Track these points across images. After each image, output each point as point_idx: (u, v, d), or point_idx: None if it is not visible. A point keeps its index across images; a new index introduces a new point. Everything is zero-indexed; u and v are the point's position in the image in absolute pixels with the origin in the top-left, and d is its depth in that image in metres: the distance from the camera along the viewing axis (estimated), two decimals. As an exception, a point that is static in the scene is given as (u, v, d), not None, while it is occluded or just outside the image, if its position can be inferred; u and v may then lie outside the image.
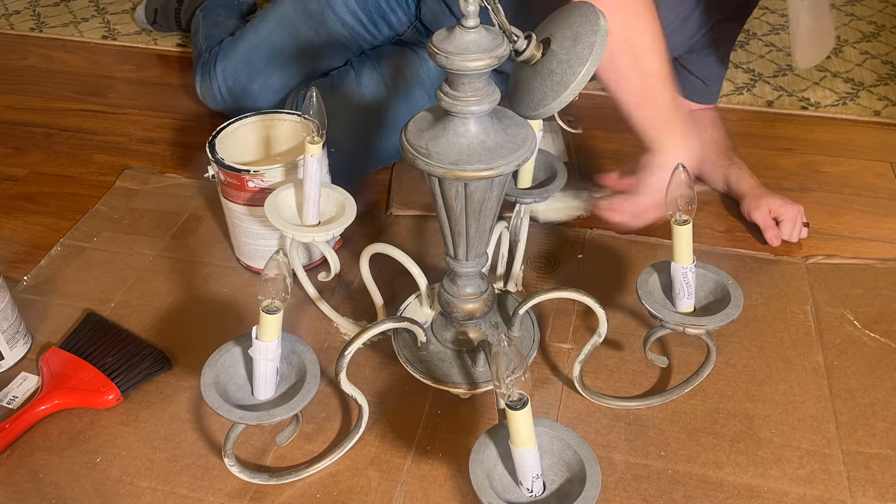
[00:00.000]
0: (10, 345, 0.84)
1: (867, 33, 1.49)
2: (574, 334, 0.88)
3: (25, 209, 1.09)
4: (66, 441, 0.77)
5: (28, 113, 1.30)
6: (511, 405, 0.57)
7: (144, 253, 1.00)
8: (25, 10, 1.61)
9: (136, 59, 1.45)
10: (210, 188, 1.10)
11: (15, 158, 1.19)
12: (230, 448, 0.70)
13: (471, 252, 0.70)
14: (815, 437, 0.77)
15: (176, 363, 0.85)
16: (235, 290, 0.94)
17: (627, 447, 0.76)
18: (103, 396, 0.80)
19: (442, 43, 0.59)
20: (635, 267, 0.97)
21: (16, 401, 0.81)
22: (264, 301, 0.64)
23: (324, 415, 0.80)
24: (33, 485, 0.74)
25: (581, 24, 0.63)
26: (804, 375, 0.83)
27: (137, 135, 1.24)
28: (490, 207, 0.66)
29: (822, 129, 1.24)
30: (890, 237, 1.02)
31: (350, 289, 0.94)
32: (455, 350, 0.78)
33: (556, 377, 0.83)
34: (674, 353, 0.86)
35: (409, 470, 0.75)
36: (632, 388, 0.82)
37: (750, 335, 0.88)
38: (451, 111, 0.62)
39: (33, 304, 0.92)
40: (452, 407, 0.80)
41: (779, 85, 1.34)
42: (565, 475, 0.62)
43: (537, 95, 0.64)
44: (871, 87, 1.33)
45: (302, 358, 0.69)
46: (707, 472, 0.74)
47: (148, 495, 0.73)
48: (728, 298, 0.74)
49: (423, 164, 0.63)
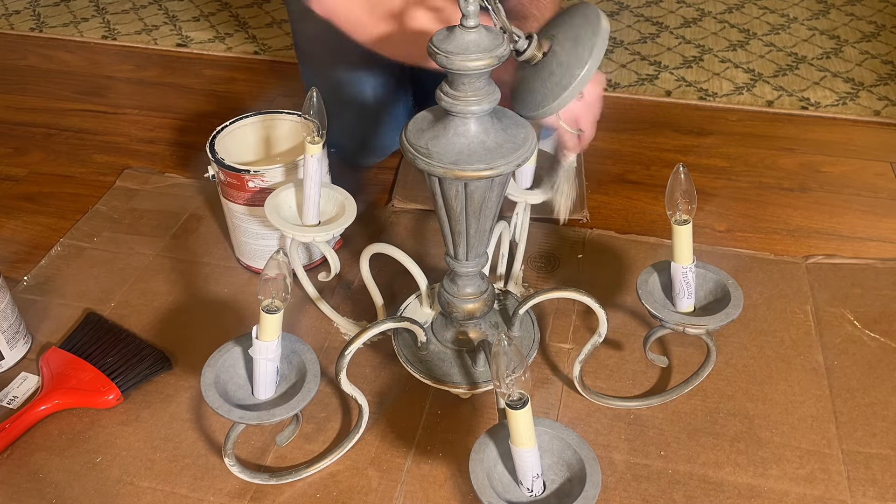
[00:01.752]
0: (11, 345, 0.84)
1: (867, 33, 1.49)
2: (574, 334, 0.88)
3: (25, 209, 1.09)
4: (67, 441, 0.77)
5: (28, 113, 1.30)
6: (511, 405, 0.57)
7: (144, 253, 1.00)
8: (25, 10, 1.61)
9: (136, 58, 1.45)
10: (210, 188, 1.10)
11: (15, 158, 1.19)
12: (230, 448, 0.70)
13: (471, 252, 0.70)
14: (815, 437, 0.77)
15: (176, 363, 0.85)
16: (235, 290, 0.94)
17: (627, 447, 0.76)
18: (103, 396, 0.80)
19: (442, 43, 0.59)
20: (635, 267, 0.97)
21: (16, 401, 0.81)
22: (264, 301, 0.64)
23: (324, 415, 0.80)
24: (33, 485, 0.74)
25: (582, 25, 0.63)
26: (804, 375, 0.83)
27: (137, 135, 1.24)
28: (490, 207, 0.66)
29: (822, 129, 1.24)
30: (890, 237, 1.02)
31: (350, 289, 0.94)
32: (455, 350, 0.78)
33: (556, 377, 0.83)
34: (674, 353, 0.86)
35: (409, 470, 0.75)
36: (632, 388, 0.82)
37: (750, 335, 0.88)
38: (451, 111, 0.62)
39: (33, 304, 0.92)
40: (452, 407, 0.80)
41: (779, 85, 1.34)
42: (565, 475, 0.62)
43: (538, 96, 0.64)
44: (871, 86, 1.33)
45: (302, 358, 0.69)
46: (707, 472, 0.74)
47: (148, 495, 0.73)
48: (728, 298, 0.74)
49: (423, 163, 0.63)
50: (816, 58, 1.42)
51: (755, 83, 1.35)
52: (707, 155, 1.18)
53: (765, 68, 1.39)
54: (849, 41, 1.47)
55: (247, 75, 1.40)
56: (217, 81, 1.38)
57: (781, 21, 1.54)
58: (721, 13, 1.57)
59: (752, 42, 1.47)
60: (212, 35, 1.52)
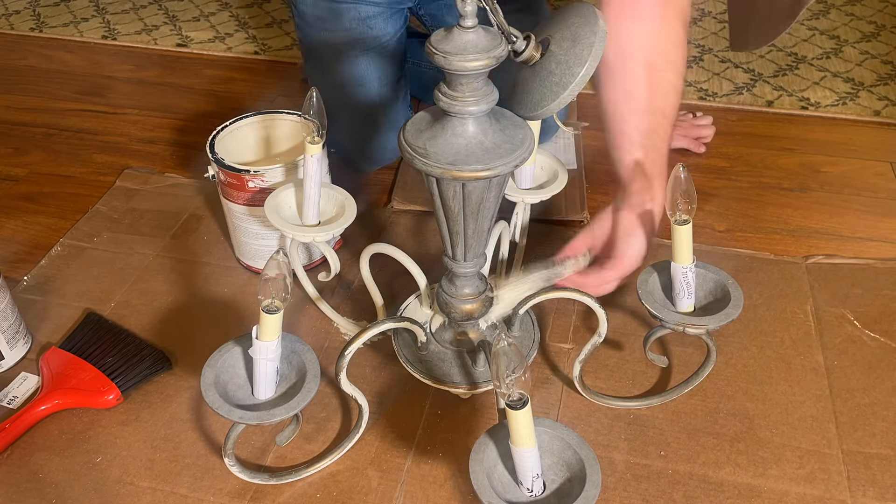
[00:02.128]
0: (11, 345, 0.84)
1: (867, 33, 1.49)
2: (574, 334, 0.88)
3: (25, 209, 1.09)
4: (67, 441, 0.77)
5: (28, 113, 1.30)
6: (511, 405, 0.57)
7: (145, 253, 1.00)
8: (25, 10, 1.62)
9: (136, 59, 1.45)
10: (210, 188, 1.10)
11: (15, 158, 1.19)
12: (230, 448, 0.70)
13: (469, 252, 0.70)
14: (815, 437, 0.77)
15: (176, 363, 0.85)
16: (235, 290, 0.94)
17: (627, 447, 0.76)
18: (103, 396, 0.80)
19: (440, 43, 0.59)
20: (635, 267, 0.96)
21: (16, 401, 0.81)
22: (264, 301, 0.64)
23: (324, 415, 0.80)
24: (33, 485, 0.74)
25: (580, 24, 0.63)
26: (804, 375, 0.83)
27: (137, 135, 1.24)
28: (488, 208, 0.66)
29: (823, 129, 1.24)
30: (890, 237, 1.02)
31: (350, 289, 0.94)
32: (455, 350, 0.78)
33: (556, 377, 0.83)
34: (674, 353, 0.86)
35: (409, 470, 0.75)
36: (632, 388, 0.82)
37: (750, 335, 0.88)
38: (449, 111, 0.61)
39: (34, 304, 0.92)
40: (452, 407, 0.80)
41: (779, 85, 1.34)
42: (565, 475, 0.62)
43: (536, 96, 0.64)
44: (871, 86, 1.33)
45: (302, 358, 0.69)
46: (707, 472, 0.74)
47: (148, 495, 0.73)
48: (728, 298, 0.74)
49: (420, 164, 0.63)
50: (816, 58, 1.42)
51: (755, 83, 1.35)
52: (707, 155, 1.18)
53: (765, 68, 1.39)
54: (849, 41, 1.47)
55: (246, 75, 1.40)
56: (217, 81, 1.38)
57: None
58: (721, 13, 1.57)
59: (752, 42, 1.47)
60: (212, 35, 1.52)
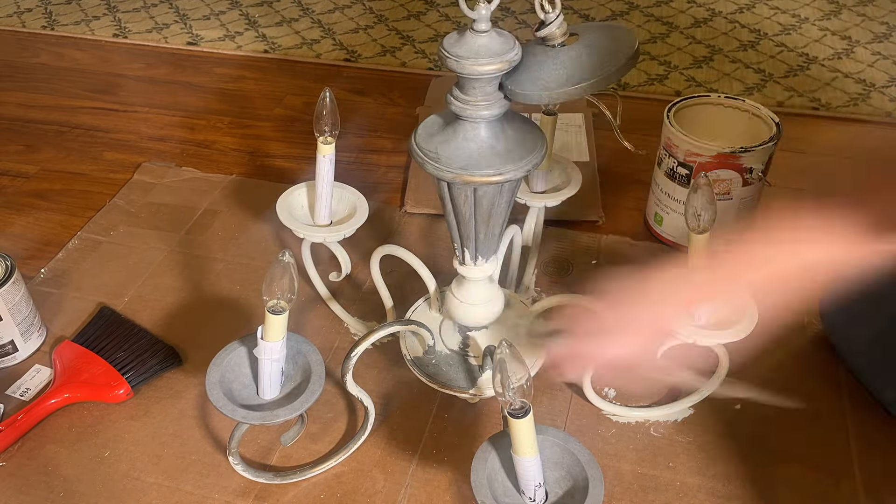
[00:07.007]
0: (25, 337, 0.85)
1: (879, 34, 1.47)
2: (585, 341, 0.87)
3: (36, 206, 1.10)
4: (76, 434, 0.78)
5: (39, 110, 1.31)
6: (513, 413, 0.56)
7: (160, 248, 1.01)
8: (37, 7, 1.63)
9: (147, 56, 1.46)
10: (226, 183, 1.10)
11: (26, 155, 1.20)
12: (234, 447, 0.70)
13: (479, 257, 0.69)
14: (831, 451, 0.76)
15: (186, 359, 0.86)
16: (248, 288, 0.95)
17: (635, 457, 0.75)
18: (114, 391, 0.80)
19: (452, 46, 0.59)
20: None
21: (28, 393, 0.82)
22: (269, 301, 0.64)
23: (330, 415, 0.80)
24: (42, 477, 0.74)
25: (617, 38, 0.62)
26: (820, 385, 0.82)
27: (148, 132, 1.25)
28: (499, 213, 0.66)
29: (834, 131, 1.22)
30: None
31: (360, 290, 0.94)
32: (462, 355, 0.78)
33: (566, 385, 0.83)
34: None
35: (414, 473, 0.74)
36: (642, 397, 0.81)
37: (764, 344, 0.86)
38: (461, 115, 0.61)
39: (49, 297, 0.93)
40: (459, 411, 0.80)
41: (789, 85, 1.32)
42: (569, 484, 0.62)
43: (546, 74, 0.61)
44: (882, 87, 1.31)
45: (308, 359, 0.69)
46: (716, 486, 0.73)
47: (154, 491, 0.73)
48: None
49: (432, 168, 0.62)
50: (828, 58, 1.39)
51: (766, 84, 1.33)
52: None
53: (776, 69, 1.37)
54: (860, 42, 1.44)
55: (257, 73, 1.40)
56: (227, 80, 1.38)
57: (792, 21, 1.52)
58: (732, 13, 1.55)
59: (762, 42, 1.45)
60: (222, 33, 1.52)
